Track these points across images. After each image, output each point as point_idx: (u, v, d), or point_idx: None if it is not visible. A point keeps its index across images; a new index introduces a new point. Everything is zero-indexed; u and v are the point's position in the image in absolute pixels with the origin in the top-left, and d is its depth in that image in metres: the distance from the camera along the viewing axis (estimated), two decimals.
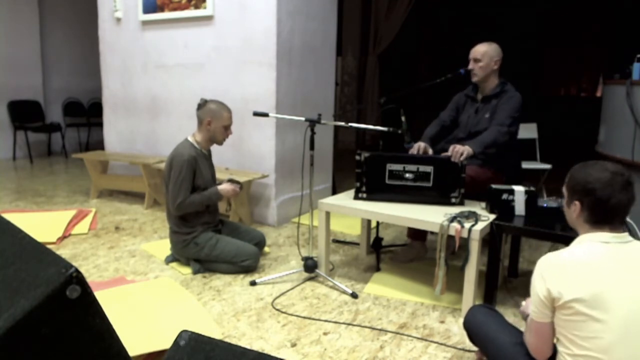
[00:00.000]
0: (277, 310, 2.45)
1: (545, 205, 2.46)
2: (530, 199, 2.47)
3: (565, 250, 1.46)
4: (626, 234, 1.46)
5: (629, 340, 1.30)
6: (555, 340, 1.46)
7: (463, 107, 3.06)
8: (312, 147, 2.70)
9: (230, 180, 2.95)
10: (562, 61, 8.80)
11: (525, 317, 1.69)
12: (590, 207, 1.43)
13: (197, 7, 3.97)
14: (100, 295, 2.45)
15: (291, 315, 2.40)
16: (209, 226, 2.91)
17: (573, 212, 1.48)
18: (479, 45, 2.90)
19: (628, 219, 2.07)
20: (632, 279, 1.35)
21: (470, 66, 2.90)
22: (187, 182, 2.74)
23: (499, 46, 2.89)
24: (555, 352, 1.47)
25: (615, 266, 1.37)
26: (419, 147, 2.84)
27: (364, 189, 2.74)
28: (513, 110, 2.80)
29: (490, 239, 2.40)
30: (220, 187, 2.86)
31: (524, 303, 1.76)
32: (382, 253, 3.13)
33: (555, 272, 1.38)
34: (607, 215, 1.42)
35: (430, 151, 2.87)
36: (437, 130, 3.05)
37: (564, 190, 1.53)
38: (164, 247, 3.18)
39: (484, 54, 2.85)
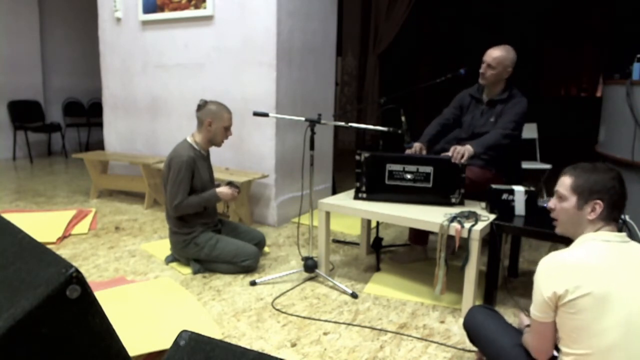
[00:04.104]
0: (277, 310, 2.45)
1: (545, 205, 2.46)
2: (530, 199, 2.47)
3: (568, 250, 1.46)
4: (624, 233, 1.47)
5: (631, 340, 1.31)
6: (557, 340, 1.46)
7: (467, 108, 3.01)
8: (312, 147, 2.70)
9: (230, 184, 2.94)
10: (562, 61, 8.80)
11: (522, 329, 1.69)
12: (611, 204, 1.45)
13: (197, 7, 3.97)
14: (100, 295, 2.45)
15: (291, 315, 2.40)
16: (208, 226, 2.91)
17: (590, 212, 1.46)
18: (495, 49, 2.77)
19: (628, 219, 2.07)
20: (634, 280, 1.35)
21: (482, 70, 2.81)
22: (185, 184, 2.74)
23: (514, 51, 2.76)
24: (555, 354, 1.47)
25: (617, 265, 1.37)
26: (415, 148, 2.84)
27: (363, 189, 2.74)
28: (518, 115, 2.77)
29: (490, 239, 2.40)
30: (218, 190, 2.86)
31: (521, 315, 1.77)
32: (382, 253, 3.13)
33: (560, 273, 1.38)
34: (621, 209, 1.47)
35: (424, 152, 2.87)
36: (437, 130, 3.03)
37: (572, 193, 1.49)
38: (164, 247, 3.18)
39: (499, 63, 2.75)
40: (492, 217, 2.46)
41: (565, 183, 1.52)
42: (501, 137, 2.73)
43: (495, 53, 2.77)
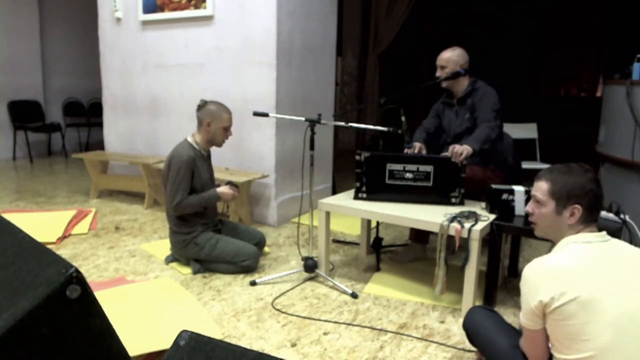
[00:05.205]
0: (277, 310, 2.45)
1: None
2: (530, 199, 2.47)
3: (551, 256, 1.44)
4: (604, 232, 1.46)
5: (622, 342, 1.29)
6: (550, 346, 1.45)
7: (443, 114, 3.11)
8: (312, 147, 2.70)
9: (230, 183, 2.94)
10: (562, 61, 8.80)
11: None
12: (589, 207, 1.45)
13: (197, 7, 3.97)
14: (100, 295, 2.45)
15: (291, 315, 2.40)
16: (208, 226, 2.91)
17: (569, 216, 1.46)
18: (443, 52, 2.95)
19: (628, 219, 2.07)
20: (619, 279, 1.34)
21: (438, 73, 2.95)
22: (185, 183, 2.74)
23: (463, 50, 2.94)
24: (552, 356, 1.47)
25: (601, 266, 1.36)
26: (415, 147, 2.86)
27: (364, 189, 2.74)
28: (492, 104, 2.84)
29: (490, 239, 2.40)
30: (219, 190, 2.86)
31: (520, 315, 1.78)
32: (382, 253, 3.13)
33: (544, 280, 1.37)
34: (599, 210, 1.47)
35: (424, 152, 2.89)
36: (424, 136, 3.09)
37: (550, 199, 1.49)
38: (164, 247, 3.18)
39: (448, 61, 2.90)
40: (492, 217, 2.46)
41: (542, 188, 1.51)
42: (489, 129, 2.78)
43: (443, 55, 2.95)
